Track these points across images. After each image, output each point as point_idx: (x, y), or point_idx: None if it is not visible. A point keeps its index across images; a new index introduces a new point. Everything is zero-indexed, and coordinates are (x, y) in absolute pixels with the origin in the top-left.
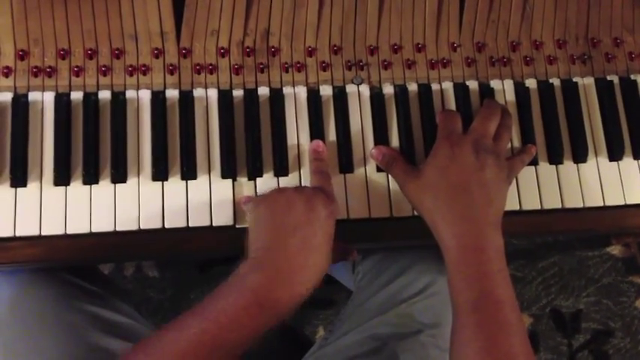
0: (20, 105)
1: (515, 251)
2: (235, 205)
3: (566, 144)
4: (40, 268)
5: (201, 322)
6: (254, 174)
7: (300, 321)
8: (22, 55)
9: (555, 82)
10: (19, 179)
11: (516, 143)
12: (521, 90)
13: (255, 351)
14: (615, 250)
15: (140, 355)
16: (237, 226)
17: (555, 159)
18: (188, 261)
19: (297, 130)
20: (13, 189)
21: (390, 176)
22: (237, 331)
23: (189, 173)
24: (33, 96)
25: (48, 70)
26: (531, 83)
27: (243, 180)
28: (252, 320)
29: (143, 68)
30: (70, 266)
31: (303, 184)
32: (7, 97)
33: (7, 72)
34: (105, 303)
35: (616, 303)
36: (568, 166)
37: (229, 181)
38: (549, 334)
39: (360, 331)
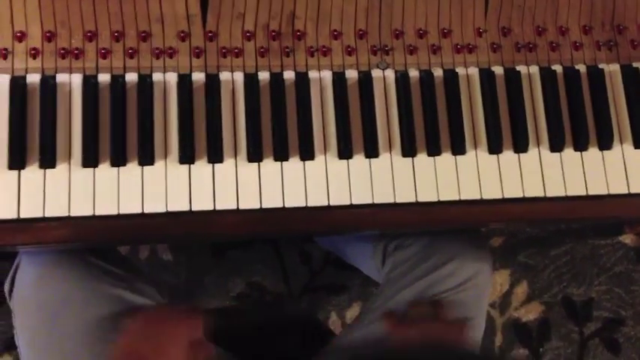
0: (48, 87)
1: (527, 239)
2: (262, 187)
3: (591, 131)
4: (65, 249)
5: None
6: (280, 157)
7: (314, 307)
8: (50, 36)
9: (581, 68)
10: (48, 160)
11: (543, 127)
12: (547, 75)
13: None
14: (627, 239)
15: None
16: (263, 207)
17: (580, 146)
18: (202, 245)
19: (323, 114)
20: (42, 170)
21: (415, 161)
22: None
23: (215, 156)
24: (61, 78)
25: (75, 51)
26: (557, 69)
27: (269, 163)
28: None
29: (170, 51)
30: (93, 248)
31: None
32: (36, 78)
33: (35, 53)
34: (128, 285)
35: (627, 292)
36: (593, 152)
37: (255, 165)
38: (561, 321)
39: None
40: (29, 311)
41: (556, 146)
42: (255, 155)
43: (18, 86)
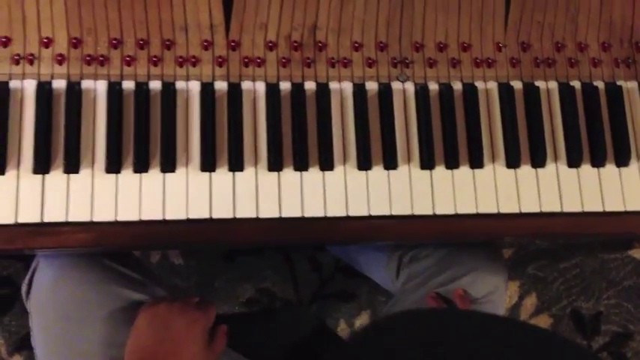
0: (74, 93)
1: (537, 251)
2: (281, 196)
3: (608, 147)
4: (82, 252)
5: None
6: (300, 167)
7: (322, 314)
8: (76, 43)
9: (599, 84)
10: (72, 166)
11: (561, 142)
12: (565, 91)
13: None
14: (637, 253)
15: None
16: (282, 216)
17: (598, 162)
18: (213, 250)
19: (343, 125)
20: (66, 175)
21: (433, 173)
22: None
23: (236, 165)
24: (86, 84)
25: (100, 58)
26: (575, 85)
27: (289, 172)
28: None
29: (193, 60)
30: (110, 252)
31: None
32: (61, 84)
33: (61, 60)
34: (143, 289)
35: (636, 306)
36: (610, 169)
37: (275, 174)
38: (569, 334)
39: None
40: (46, 313)
41: (573, 162)
42: (275, 164)
43: (44, 92)
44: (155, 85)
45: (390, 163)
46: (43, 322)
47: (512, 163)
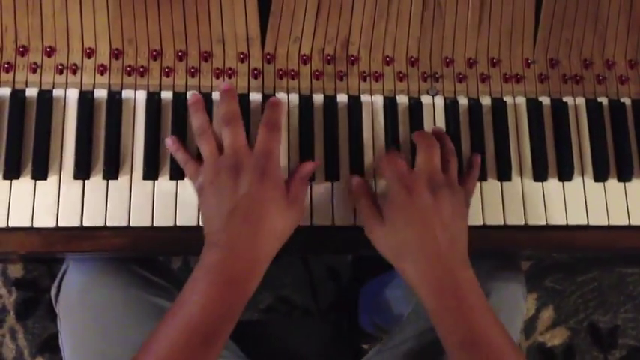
0: (114, 102)
1: (554, 264)
2: (312, 205)
3: (634, 162)
4: (110, 257)
5: (183, 308)
6: (331, 177)
7: (340, 322)
8: (117, 54)
9: (626, 101)
10: (111, 172)
11: (587, 157)
12: (593, 107)
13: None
14: None
15: (141, 355)
16: (313, 224)
17: (624, 176)
18: None
19: (373, 137)
20: (105, 181)
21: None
22: (216, 312)
23: None
24: (126, 93)
25: (140, 69)
26: (603, 101)
27: (320, 182)
28: (222, 297)
29: (229, 71)
30: (138, 257)
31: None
32: (103, 93)
33: (103, 70)
34: (169, 296)
35: None
36: (636, 184)
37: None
38: (586, 348)
39: (420, 338)
40: (74, 316)
41: (600, 176)
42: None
43: (86, 100)
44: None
45: None
46: (71, 325)
47: (540, 176)
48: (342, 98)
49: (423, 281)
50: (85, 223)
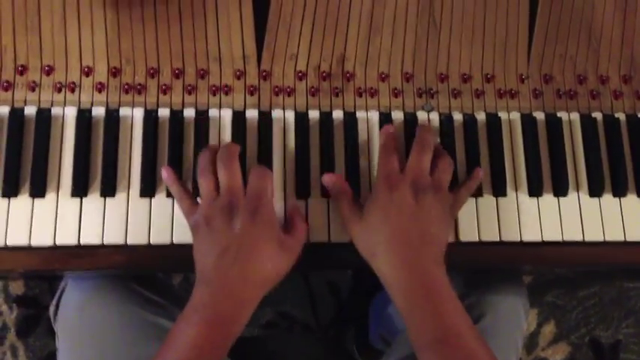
0: (112, 120)
1: (555, 279)
2: (308, 221)
3: (629, 177)
4: (108, 275)
5: (172, 350)
6: (327, 193)
7: (341, 338)
8: (115, 72)
9: (621, 116)
10: (108, 189)
11: (582, 172)
12: (587, 122)
13: None
14: None
15: None
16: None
17: (619, 192)
18: None
19: (369, 154)
20: (103, 198)
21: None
22: (205, 351)
23: None
24: (124, 111)
25: (138, 87)
26: (597, 117)
27: (316, 199)
28: (210, 337)
29: (225, 88)
30: (136, 275)
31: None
32: (101, 111)
33: (100, 88)
34: (166, 313)
35: None
36: (631, 199)
37: (303, 201)
38: None
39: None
40: (72, 334)
41: (595, 191)
42: (303, 191)
43: (84, 118)
44: (189, 112)
45: None
46: (69, 343)
47: (535, 191)
48: (337, 114)
49: (394, 280)
50: (83, 241)
